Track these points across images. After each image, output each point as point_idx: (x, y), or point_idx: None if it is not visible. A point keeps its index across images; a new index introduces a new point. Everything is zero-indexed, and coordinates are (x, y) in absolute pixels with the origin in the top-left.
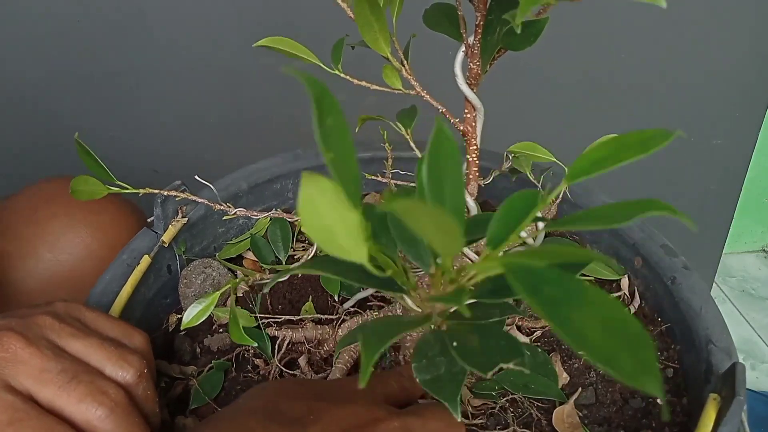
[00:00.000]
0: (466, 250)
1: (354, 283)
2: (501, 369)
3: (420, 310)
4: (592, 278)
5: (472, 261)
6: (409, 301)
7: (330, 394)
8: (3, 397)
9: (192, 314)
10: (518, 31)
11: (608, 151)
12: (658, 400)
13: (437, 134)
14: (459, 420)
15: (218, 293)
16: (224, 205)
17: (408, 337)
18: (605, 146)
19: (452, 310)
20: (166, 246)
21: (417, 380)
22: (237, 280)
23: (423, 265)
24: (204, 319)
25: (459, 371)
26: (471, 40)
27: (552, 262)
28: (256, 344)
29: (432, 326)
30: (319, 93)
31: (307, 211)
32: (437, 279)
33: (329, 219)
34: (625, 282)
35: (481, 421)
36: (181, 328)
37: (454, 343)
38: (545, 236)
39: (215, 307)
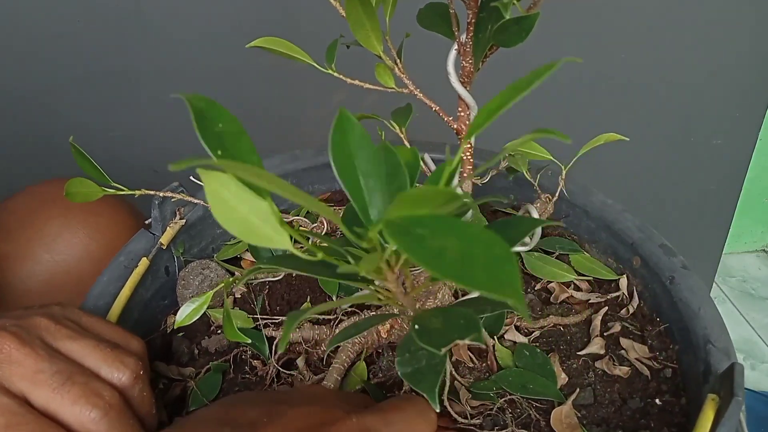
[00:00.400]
0: None
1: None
2: (496, 369)
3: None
4: (591, 278)
5: None
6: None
7: (290, 398)
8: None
9: (185, 313)
10: (507, 16)
11: (501, 98)
12: (644, 367)
13: (340, 122)
14: (437, 410)
15: (212, 292)
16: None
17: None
18: (499, 96)
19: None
20: (164, 248)
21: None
22: (231, 279)
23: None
24: (198, 318)
25: (439, 363)
26: (463, 38)
27: (433, 208)
28: (250, 341)
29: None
30: (204, 106)
31: (218, 205)
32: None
33: (242, 210)
34: (623, 282)
35: (478, 421)
36: (175, 327)
37: (416, 326)
38: (542, 236)
39: (213, 308)
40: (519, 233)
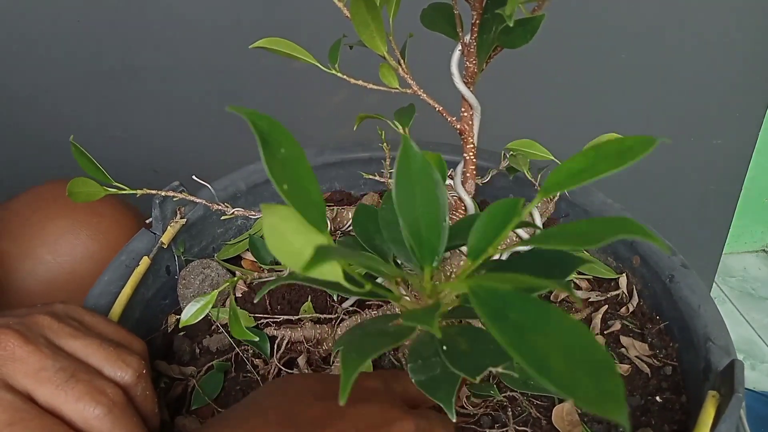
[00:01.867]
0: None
1: (342, 293)
2: (491, 372)
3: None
4: (591, 277)
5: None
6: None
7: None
8: (3, 396)
9: (190, 312)
10: (510, 24)
11: (586, 162)
12: (645, 365)
13: (404, 151)
14: (454, 420)
15: (216, 291)
16: (222, 205)
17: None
18: (583, 157)
19: (449, 308)
20: (165, 247)
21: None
22: (236, 278)
23: (412, 265)
24: (202, 317)
25: (455, 372)
26: (467, 38)
27: (518, 286)
28: (257, 339)
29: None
30: (267, 127)
31: (274, 239)
32: (426, 283)
33: (297, 244)
34: (623, 280)
35: (479, 418)
36: (180, 326)
37: (444, 347)
38: None
39: (214, 307)
40: (564, 273)
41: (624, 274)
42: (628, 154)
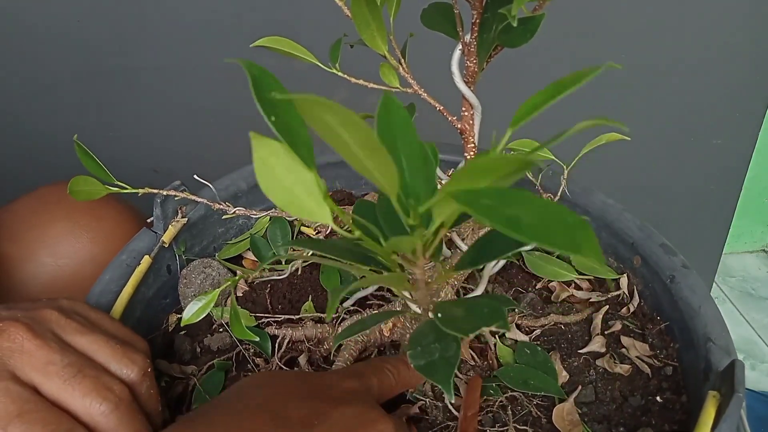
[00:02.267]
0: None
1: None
2: (497, 366)
3: (418, 308)
4: (592, 277)
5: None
6: (407, 295)
7: (329, 392)
8: (11, 388)
9: (192, 311)
10: (514, 24)
11: (546, 94)
12: (645, 365)
13: (384, 104)
14: (452, 401)
15: (218, 291)
16: (223, 204)
17: (407, 336)
18: (543, 92)
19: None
20: (166, 246)
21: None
22: (237, 277)
23: (397, 225)
24: (204, 316)
25: (452, 355)
26: (468, 38)
27: (493, 181)
28: (257, 339)
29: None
30: (258, 73)
31: (263, 173)
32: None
33: (287, 180)
34: (624, 281)
35: (479, 418)
36: (181, 325)
37: (438, 314)
38: None
39: (215, 306)
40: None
41: (625, 275)
42: (579, 78)
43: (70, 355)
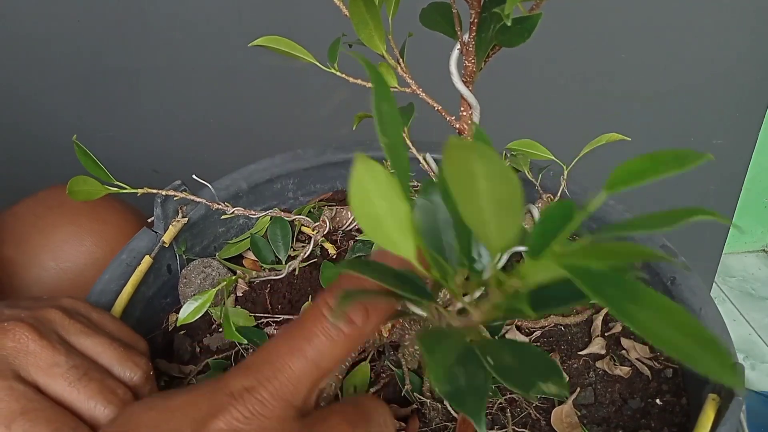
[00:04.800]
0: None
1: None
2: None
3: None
4: None
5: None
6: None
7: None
8: (15, 386)
9: (188, 311)
10: (508, 23)
11: (644, 165)
12: (645, 368)
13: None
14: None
15: (215, 290)
16: (222, 204)
17: (407, 336)
18: (641, 160)
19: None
20: (166, 246)
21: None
22: (233, 278)
23: (455, 263)
24: (200, 316)
25: (482, 385)
26: (466, 37)
27: (612, 263)
28: (246, 342)
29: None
30: (376, 78)
31: (358, 196)
32: (470, 283)
33: (379, 207)
34: None
35: None
36: (178, 325)
37: (489, 359)
38: None
39: (215, 306)
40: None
41: None
42: (685, 161)
43: (74, 357)
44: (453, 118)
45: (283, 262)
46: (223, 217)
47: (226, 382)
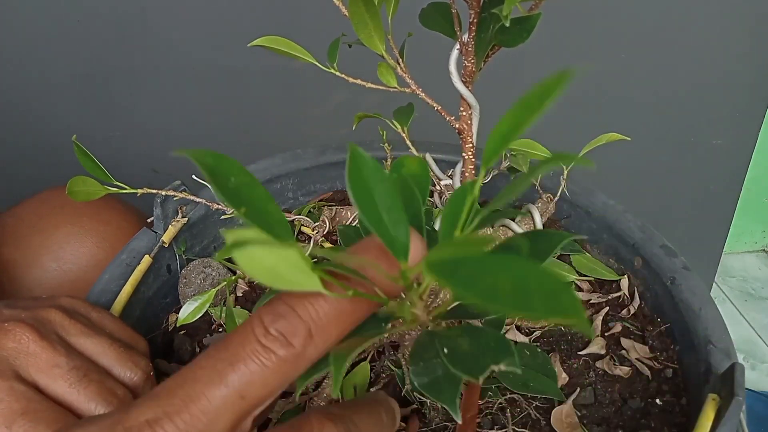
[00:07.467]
0: None
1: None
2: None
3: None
4: (592, 278)
5: None
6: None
7: None
8: (16, 387)
9: (188, 311)
10: (507, 24)
11: (514, 118)
12: (645, 368)
13: (352, 159)
14: (460, 422)
15: (215, 290)
16: (222, 204)
17: (407, 336)
18: (510, 115)
19: (450, 308)
20: (166, 246)
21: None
22: (233, 278)
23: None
24: (200, 316)
25: (456, 374)
26: (465, 37)
27: (475, 252)
28: None
29: (427, 326)
30: (213, 162)
31: (244, 260)
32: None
33: (269, 261)
34: (624, 282)
35: (478, 420)
36: (177, 325)
37: (445, 349)
38: None
39: (215, 306)
40: (550, 246)
41: (626, 276)
42: (547, 93)
43: (75, 358)
44: (452, 118)
45: None
46: (223, 217)
47: (126, 414)
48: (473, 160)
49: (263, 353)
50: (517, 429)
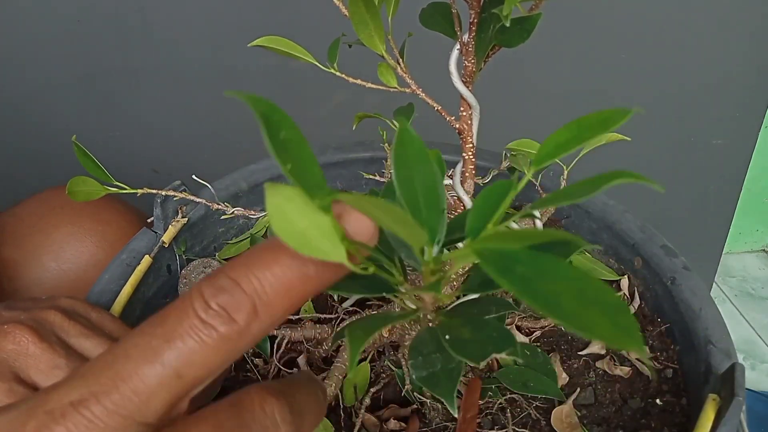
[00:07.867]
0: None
1: (344, 293)
2: (497, 367)
3: (415, 308)
4: None
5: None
6: (407, 301)
7: None
8: (15, 388)
9: None
10: (507, 24)
11: (571, 132)
12: (645, 368)
13: (400, 135)
14: (455, 415)
15: None
16: (222, 204)
17: (407, 336)
18: (567, 129)
19: (449, 307)
20: (166, 246)
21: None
22: None
23: (415, 263)
24: None
25: (454, 367)
26: (465, 37)
27: (525, 245)
28: None
29: (428, 323)
30: (267, 110)
31: (278, 219)
32: (426, 275)
33: (301, 224)
34: (624, 282)
35: (478, 420)
36: None
37: (447, 336)
38: None
39: None
40: (568, 251)
41: (626, 276)
42: (608, 123)
43: (75, 360)
44: (452, 118)
45: None
46: (222, 217)
47: (46, 395)
48: (473, 160)
49: (203, 329)
50: (517, 429)
